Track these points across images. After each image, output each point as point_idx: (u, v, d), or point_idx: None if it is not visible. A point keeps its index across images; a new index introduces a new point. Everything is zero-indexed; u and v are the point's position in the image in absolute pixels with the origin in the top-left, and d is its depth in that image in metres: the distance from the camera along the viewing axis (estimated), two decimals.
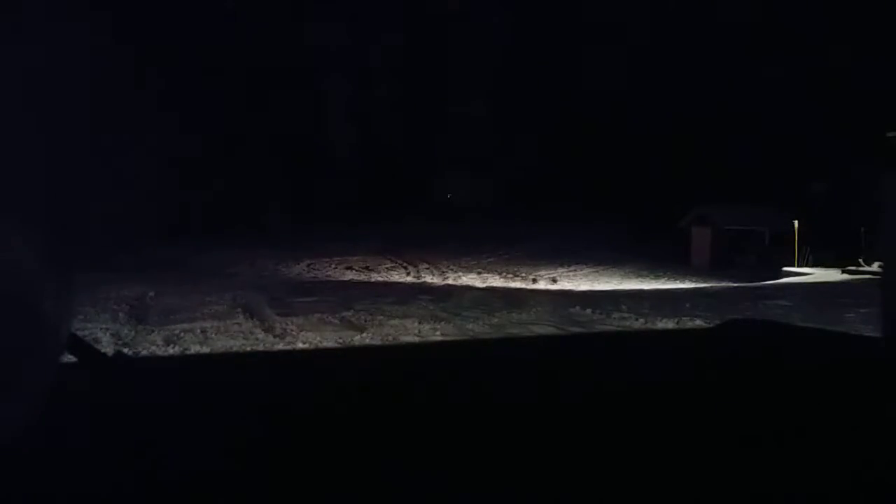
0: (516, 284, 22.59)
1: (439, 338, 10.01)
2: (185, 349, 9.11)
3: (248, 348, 9.35)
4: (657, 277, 26.37)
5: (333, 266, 26.67)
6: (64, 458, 0.96)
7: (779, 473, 0.95)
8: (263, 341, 9.81)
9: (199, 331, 10.38)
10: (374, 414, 1.21)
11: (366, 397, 1.31)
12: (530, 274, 25.68)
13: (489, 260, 29.17)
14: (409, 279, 23.61)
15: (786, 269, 27.39)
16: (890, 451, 1.05)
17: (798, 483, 0.94)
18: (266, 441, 1.06)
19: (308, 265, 26.56)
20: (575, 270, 27.21)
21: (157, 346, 9.30)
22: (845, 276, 21.94)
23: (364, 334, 10.13)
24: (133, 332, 10.17)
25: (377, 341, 9.58)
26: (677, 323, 11.52)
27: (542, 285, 22.57)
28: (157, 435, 1.08)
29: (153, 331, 10.30)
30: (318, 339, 9.74)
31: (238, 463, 0.97)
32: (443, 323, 11.21)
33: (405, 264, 27.31)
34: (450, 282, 22.79)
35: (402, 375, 1.51)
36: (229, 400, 1.29)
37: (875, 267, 20.02)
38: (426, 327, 10.80)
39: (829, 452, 1.04)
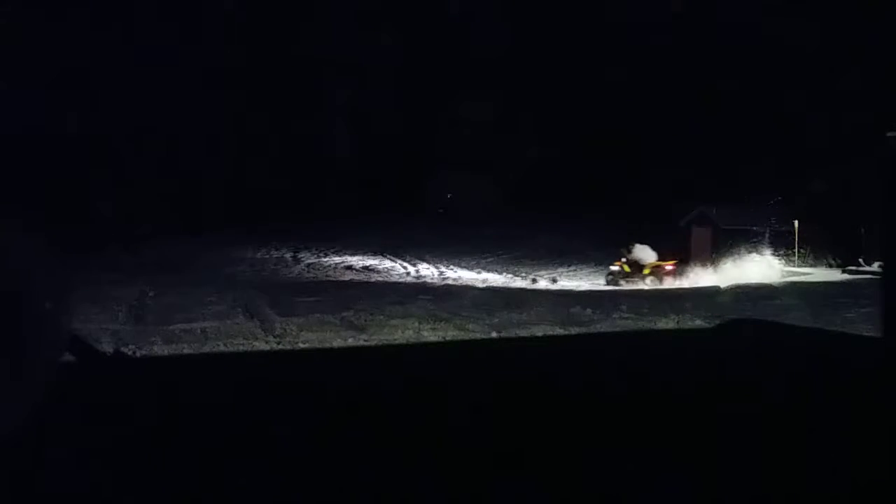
0: (517, 284, 22.58)
1: (439, 338, 9.99)
2: (184, 349, 9.11)
3: (248, 348, 9.34)
4: None
5: (333, 266, 26.66)
6: (64, 457, 0.96)
7: (779, 473, 0.95)
8: (263, 341, 9.79)
9: (198, 331, 10.37)
10: (373, 414, 1.21)
11: (366, 398, 1.31)
12: (530, 274, 25.65)
13: (489, 260, 29.12)
14: (409, 279, 23.59)
15: (786, 268, 27.31)
16: (890, 451, 1.05)
17: (798, 482, 0.94)
18: (265, 440, 1.06)
19: (308, 265, 26.55)
20: (575, 270, 27.18)
21: (157, 345, 9.29)
22: (846, 276, 21.91)
23: (364, 334, 10.12)
24: (132, 332, 10.17)
25: (377, 341, 9.57)
26: (677, 323, 11.51)
27: (542, 285, 22.55)
28: (156, 434, 1.08)
29: (153, 331, 10.29)
30: (319, 339, 9.74)
31: (238, 461, 0.98)
32: (443, 323, 11.20)
33: (405, 264, 27.29)
34: (450, 282, 22.78)
35: (402, 376, 1.51)
36: (228, 400, 1.29)
37: (875, 267, 19.99)
38: (426, 327, 10.79)
39: (829, 452, 1.04)
